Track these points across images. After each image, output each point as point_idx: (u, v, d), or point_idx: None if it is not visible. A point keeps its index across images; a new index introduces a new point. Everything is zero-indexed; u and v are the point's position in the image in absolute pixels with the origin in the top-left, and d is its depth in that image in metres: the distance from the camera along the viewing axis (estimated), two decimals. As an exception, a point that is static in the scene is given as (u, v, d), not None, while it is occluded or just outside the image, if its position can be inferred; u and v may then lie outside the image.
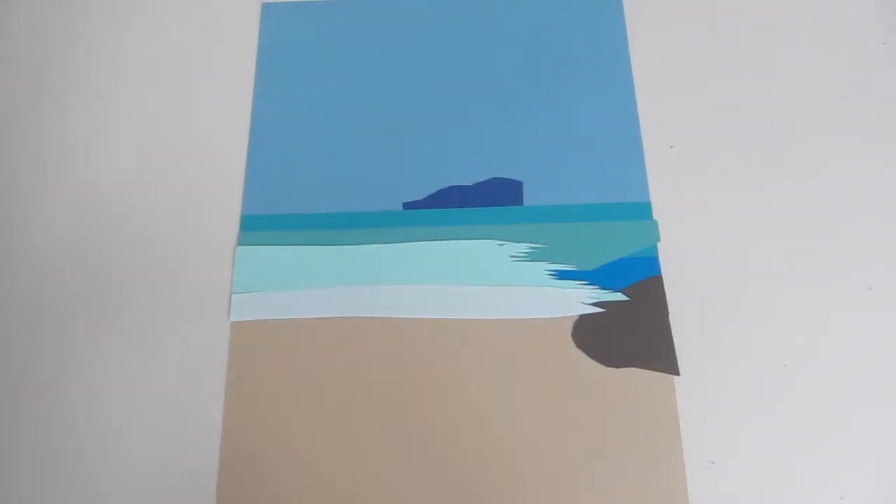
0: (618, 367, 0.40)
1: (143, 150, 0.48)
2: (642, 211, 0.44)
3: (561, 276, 0.43)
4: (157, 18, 0.52)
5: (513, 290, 0.42)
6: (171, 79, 0.50)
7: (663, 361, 0.40)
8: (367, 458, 0.38)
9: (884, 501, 0.36)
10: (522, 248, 0.43)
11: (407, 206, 0.45)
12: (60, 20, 0.52)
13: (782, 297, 0.42)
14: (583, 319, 0.41)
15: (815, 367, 0.40)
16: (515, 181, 0.45)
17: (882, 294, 0.42)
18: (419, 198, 0.45)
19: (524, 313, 0.41)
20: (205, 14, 0.52)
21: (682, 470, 0.37)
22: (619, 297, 0.42)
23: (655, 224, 0.44)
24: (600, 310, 0.41)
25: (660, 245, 0.43)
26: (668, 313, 0.41)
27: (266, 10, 0.52)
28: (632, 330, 0.40)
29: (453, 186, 0.45)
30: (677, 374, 0.40)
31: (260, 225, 0.45)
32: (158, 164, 0.47)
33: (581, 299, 0.42)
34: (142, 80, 0.50)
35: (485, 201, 0.45)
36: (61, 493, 0.39)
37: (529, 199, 0.45)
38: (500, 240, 0.44)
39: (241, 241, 0.44)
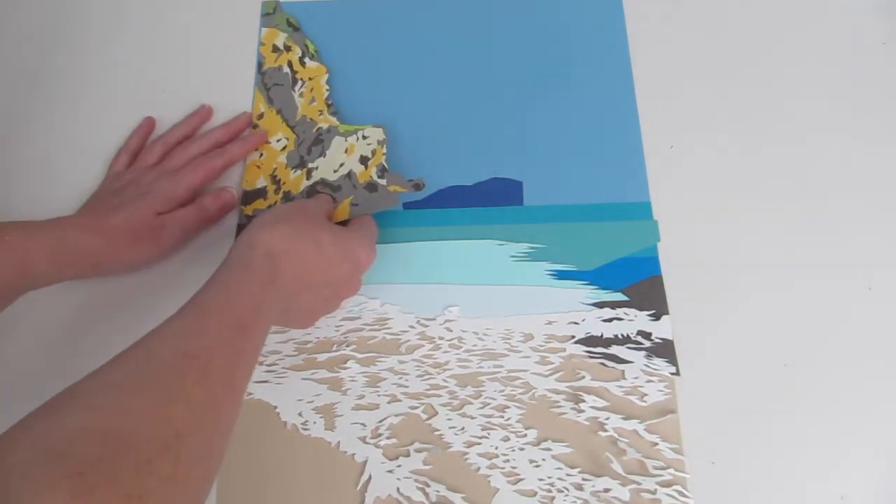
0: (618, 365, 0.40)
1: (143, 150, 0.48)
2: (642, 211, 0.44)
3: (561, 276, 0.42)
4: (158, 19, 0.52)
5: (513, 290, 0.42)
6: (171, 78, 0.50)
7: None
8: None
9: (884, 501, 0.36)
10: (522, 248, 0.43)
11: (407, 206, 0.45)
12: (61, 21, 0.52)
13: (782, 297, 0.42)
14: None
15: (815, 366, 0.40)
16: (515, 181, 0.45)
17: (882, 294, 0.42)
18: (419, 198, 0.45)
19: (524, 313, 0.41)
20: (205, 14, 0.52)
21: (682, 470, 0.37)
22: (619, 297, 0.42)
23: (655, 224, 0.44)
24: (600, 309, 0.41)
25: (660, 245, 0.43)
26: (668, 313, 0.41)
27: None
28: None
29: (453, 186, 0.45)
30: (677, 374, 0.40)
31: (260, 225, 0.44)
32: (158, 164, 0.47)
33: (581, 299, 0.42)
34: (142, 79, 0.50)
35: (485, 201, 0.45)
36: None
37: (529, 199, 0.45)
38: (500, 240, 0.44)
39: (241, 241, 0.44)
